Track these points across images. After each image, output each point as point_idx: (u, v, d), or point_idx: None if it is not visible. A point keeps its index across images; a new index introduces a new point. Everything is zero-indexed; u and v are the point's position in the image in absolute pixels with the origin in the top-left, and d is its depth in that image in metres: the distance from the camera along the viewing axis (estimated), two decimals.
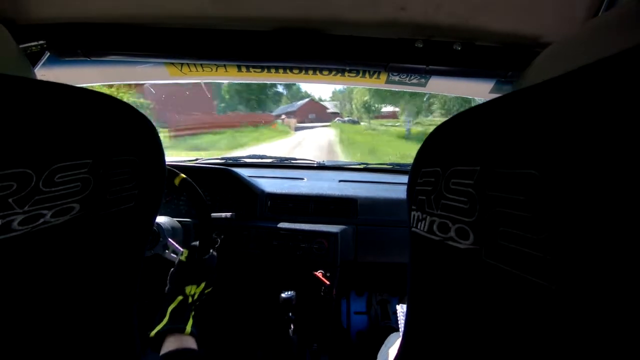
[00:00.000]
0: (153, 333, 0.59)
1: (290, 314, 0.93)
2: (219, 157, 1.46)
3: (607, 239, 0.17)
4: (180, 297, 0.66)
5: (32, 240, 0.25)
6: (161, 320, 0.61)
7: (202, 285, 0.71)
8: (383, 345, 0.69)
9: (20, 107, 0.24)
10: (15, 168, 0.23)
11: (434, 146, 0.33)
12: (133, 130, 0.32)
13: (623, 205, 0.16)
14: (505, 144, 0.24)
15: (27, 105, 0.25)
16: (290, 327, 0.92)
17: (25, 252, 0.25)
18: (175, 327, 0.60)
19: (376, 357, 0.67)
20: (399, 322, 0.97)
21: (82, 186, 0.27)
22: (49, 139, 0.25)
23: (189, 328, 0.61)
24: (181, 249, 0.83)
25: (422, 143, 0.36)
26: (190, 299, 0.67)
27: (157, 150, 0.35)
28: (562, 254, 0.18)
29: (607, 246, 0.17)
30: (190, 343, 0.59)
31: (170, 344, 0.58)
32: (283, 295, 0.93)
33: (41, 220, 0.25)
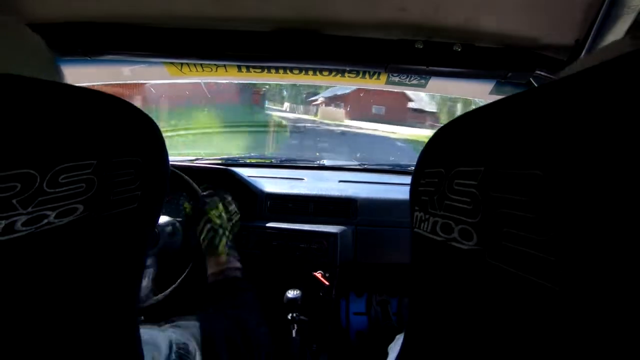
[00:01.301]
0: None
1: (295, 314, 0.92)
2: (219, 157, 1.45)
3: (612, 240, 0.17)
4: (207, 226, 0.73)
5: (36, 241, 0.25)
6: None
7: (220, 206, 0.78)
8: (393, 343, 0.69)
9: (23, 107, 0.24)
10: (19, 169, 0.23)
11: (438, 147, 0.34)
12: (137, 131, 0.32)
13: (628, 206, 0.16)
14: (509, 144, 0.24)
15: (31, 105, 0.25)
16: (294, 328, 0.92)
17: (29, 253, 0.25)
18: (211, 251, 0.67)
19: (375, 358, 0.67)
20: None
21: (86, 187, 0.27)
22: (53, 140, 0.25)
23: (222, 248, 0.69)
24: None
25: (425, 144, 0.36)
26: (217, 221, 0.74)
27: (161, 151, 0.35)
28: (566, 255, 0.19)
29: (612, 247, 0.17)
30: (231, 263, 0.66)
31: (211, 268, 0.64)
32: (289, 295, 0.92)
33: (45, 221, 0.25)
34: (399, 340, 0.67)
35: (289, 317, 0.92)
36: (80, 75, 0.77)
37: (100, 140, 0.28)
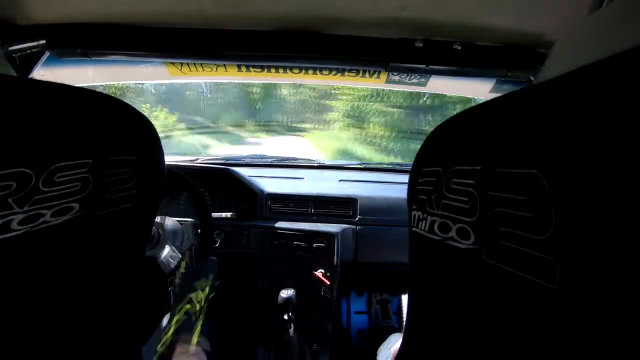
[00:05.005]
0: (160, 347, 0.57)
1: (290, 313, 0.92)
2: (219, 157, 1.45)
3: (611, 239, 0.16)
4: (186, 307, 0.65)
5: (32, 240, 0.25)
6: (165, 332, 0.60)
7: (207, 290, 0.70)
8: (383, 345, 0.69)
9: (19, 107, 0.24)
10: (15, 168, 0.23)
11: (435, 146, 0.33)
12: (132, 130, 0.32)
13: (625, 204, 0.16)
14: (506, 143, 0.23)
15: (27, 105, 0.25)
16: (290, 327, 0.92)
17: (25, 252, 0.25)
18: (183, 337, 0.59)
19: (376, 356, 0.67)
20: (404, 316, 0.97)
21: (81, 186, 0.27)
22: (49, 139, 0.25)
23: (195, 338, 0.60)
24: (179, 255, 0.80)
25: (422, 142, 0.36)
26: (197, 306, 0.66)
27: (156, 150, 0.35)
28: (563, 255, 0.18)
29: (610, 246, 0.16)
30: (199, 356, 0.58)
31: (178, 358, 0.56)
32: (283, 294, 0.93)
33: (40, 220, 0.25)
34: (390, 340, 0.67)
35: (285, 317, 0.92)
36: (80, 75, 0.77)
37: (96, 139, 0.28)
